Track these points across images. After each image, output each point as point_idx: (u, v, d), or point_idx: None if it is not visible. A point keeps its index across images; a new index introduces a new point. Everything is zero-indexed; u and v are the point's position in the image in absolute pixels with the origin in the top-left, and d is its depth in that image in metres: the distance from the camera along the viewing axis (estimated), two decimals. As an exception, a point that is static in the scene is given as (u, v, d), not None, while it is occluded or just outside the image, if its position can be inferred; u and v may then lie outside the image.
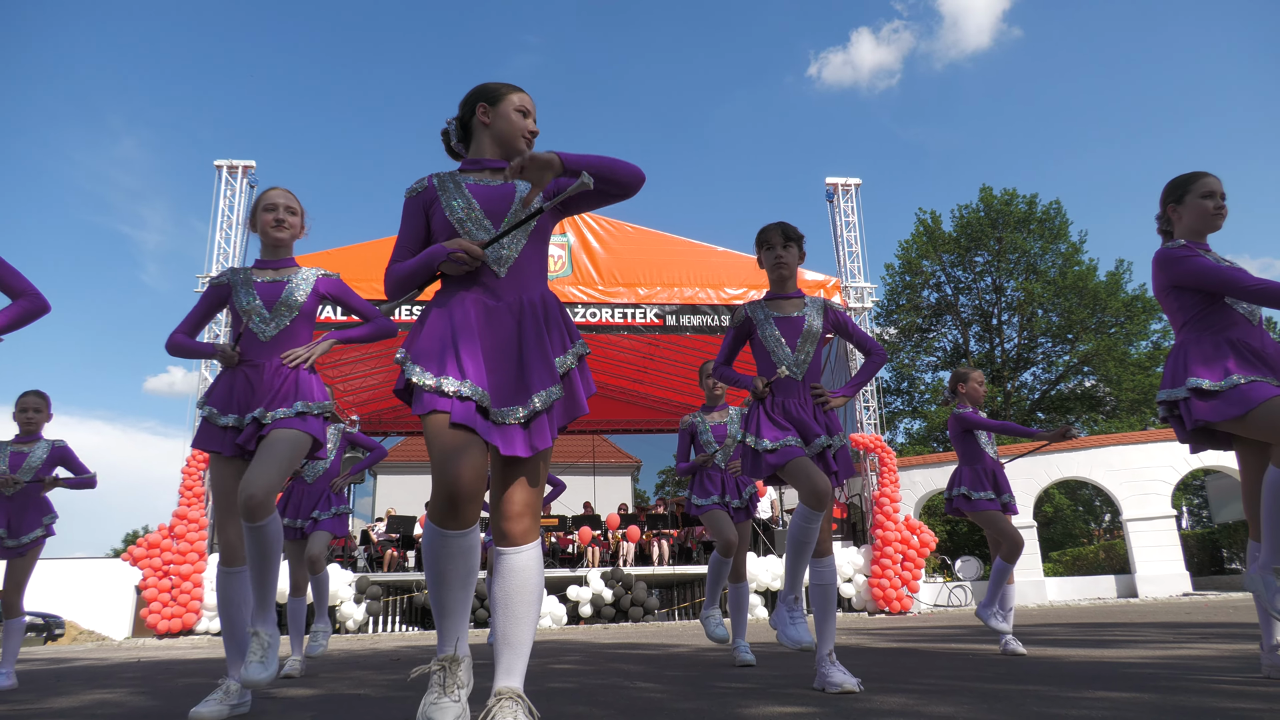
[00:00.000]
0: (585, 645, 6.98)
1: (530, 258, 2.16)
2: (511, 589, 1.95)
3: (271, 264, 3.11)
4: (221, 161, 13.60)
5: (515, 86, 2.30)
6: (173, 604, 11.18)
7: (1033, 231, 29.44)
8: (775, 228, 3.27)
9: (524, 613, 1.95)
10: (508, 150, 2.25)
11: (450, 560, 1.91)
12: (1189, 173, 3.05)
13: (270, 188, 3.17)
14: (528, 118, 2.27)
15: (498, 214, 2.15)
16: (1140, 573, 15.78)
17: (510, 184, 2.20)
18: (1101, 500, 27.62)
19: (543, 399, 2.01)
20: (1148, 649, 4.34)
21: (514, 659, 1.93)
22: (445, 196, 2.17)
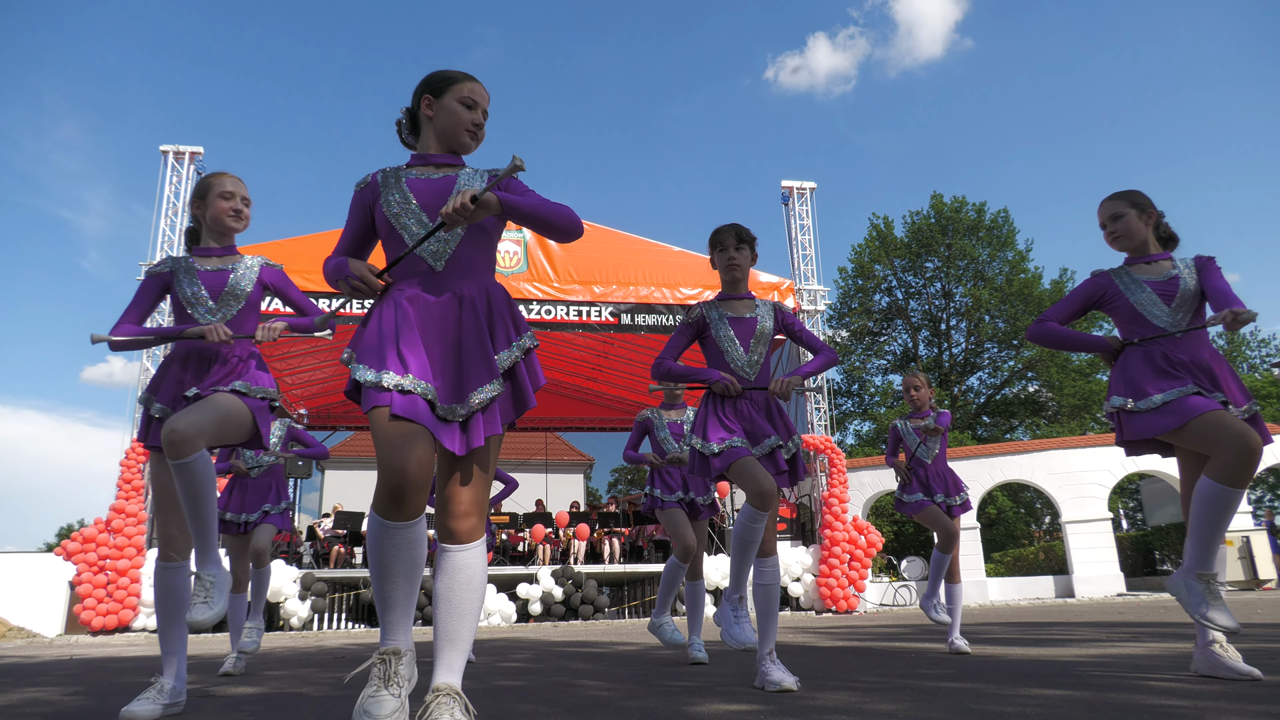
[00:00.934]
0: (534, 643, 6.95)
1: (470, 251, 2.13)
2: (455, 586, 1.93)
3: (215, 252, 3.02)
4: (168, 147, 13.24)
5: (466, 75, 2.23)
6: (108, 600, 10.86)
7: (981, 239, 30.08)
8: (729, 229, 3.29)
9: (467, 610, 1.94)
10: (451, 144, 2.22)
11: (395, 552, 1.88)
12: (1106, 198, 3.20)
13: (223, 173, 3.06)
14: (474, 109, 2.21)
15: (434, 208, 2.12)
16: (1077, 573, 16.22)
17: (451, 177, 2.18)
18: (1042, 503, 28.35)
19: (480, 397, 1.99)
20: (1082, 647, 4.47)
21: (454, 656, 1.91)
22: (385, 192, 2.15)
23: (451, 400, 1.99)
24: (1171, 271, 3.02)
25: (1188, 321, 2.96)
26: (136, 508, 11.26)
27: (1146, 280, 3.02)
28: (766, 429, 3.11)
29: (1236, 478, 2.64)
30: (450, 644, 1.92)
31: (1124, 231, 3.08)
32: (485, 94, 2.25)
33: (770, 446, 3.08)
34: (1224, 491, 2.66)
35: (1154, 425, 2.82)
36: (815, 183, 15.19)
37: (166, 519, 2.80)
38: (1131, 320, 3.02)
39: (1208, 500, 2.69)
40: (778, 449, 3.10)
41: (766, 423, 3.13)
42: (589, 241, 13.88)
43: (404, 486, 1.86)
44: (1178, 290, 2.97)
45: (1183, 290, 2.97)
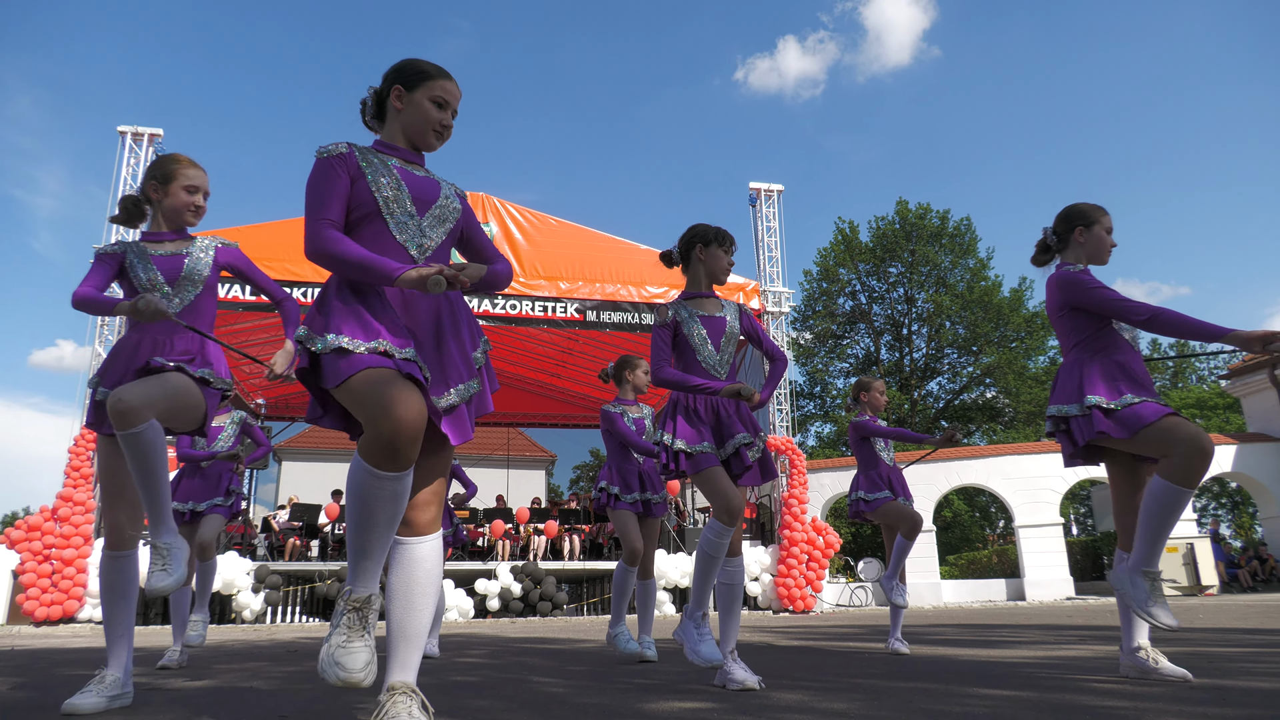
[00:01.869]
0: (491, 639, 6.92)
1: (444, 252, 2.15)
2: (412, 580, 1.91)
3: (168, 236, 2.93)
4: (126, 128, 12.93)
5: (441, 71, 2.16)
6: (53, 590, 10.59)
7: (944, 246, 30.54)
8: (728, 234, 3.32)
9: (423, 604, 1.92)
10: (417, 141, 2.17)
11: (380, 503, 1.82)
12: (1095, 204, 3.21)
13: (187, 161, 2.95)
14: (444, 109, 2.15)
15: (425, 203, 2.10)
16: (1029, 577, 16.55)
17: (432, 180, 2.16)
18: (997, 507, 28.88)
19: (460, 392, 1.99)
20: (1030, 649, 4.56)
21: (409, 652, 1.89)
22: (371, 171, 2.03)
23: (435, 390, 1.97)
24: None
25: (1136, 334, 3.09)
26: (85, 496, 11.00)
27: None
28: (735, 427, 3.11)
29: (1189, 478, 2.71)
30: (406, 640, 1.89)
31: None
32: (458, 93, 2.18)
33: (737, 444, 3.08)
34: (1175, 491, 2.73)
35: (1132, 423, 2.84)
36: (783, 185, 15.31)
37: (115, 507, 2.73)
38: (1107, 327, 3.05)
39: (1159, 499, 2.76)
40: (744, 447, 3.10)
41: (735, 420, 3.13)
42: (556, 238, 13.84)
43: (402, 434, 1.77)
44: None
45: None
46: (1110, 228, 3.17)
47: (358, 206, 2.02)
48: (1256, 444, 16.83)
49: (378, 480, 1.80)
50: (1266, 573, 16.65)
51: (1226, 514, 31.38)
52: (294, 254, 12.13)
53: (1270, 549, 16.94)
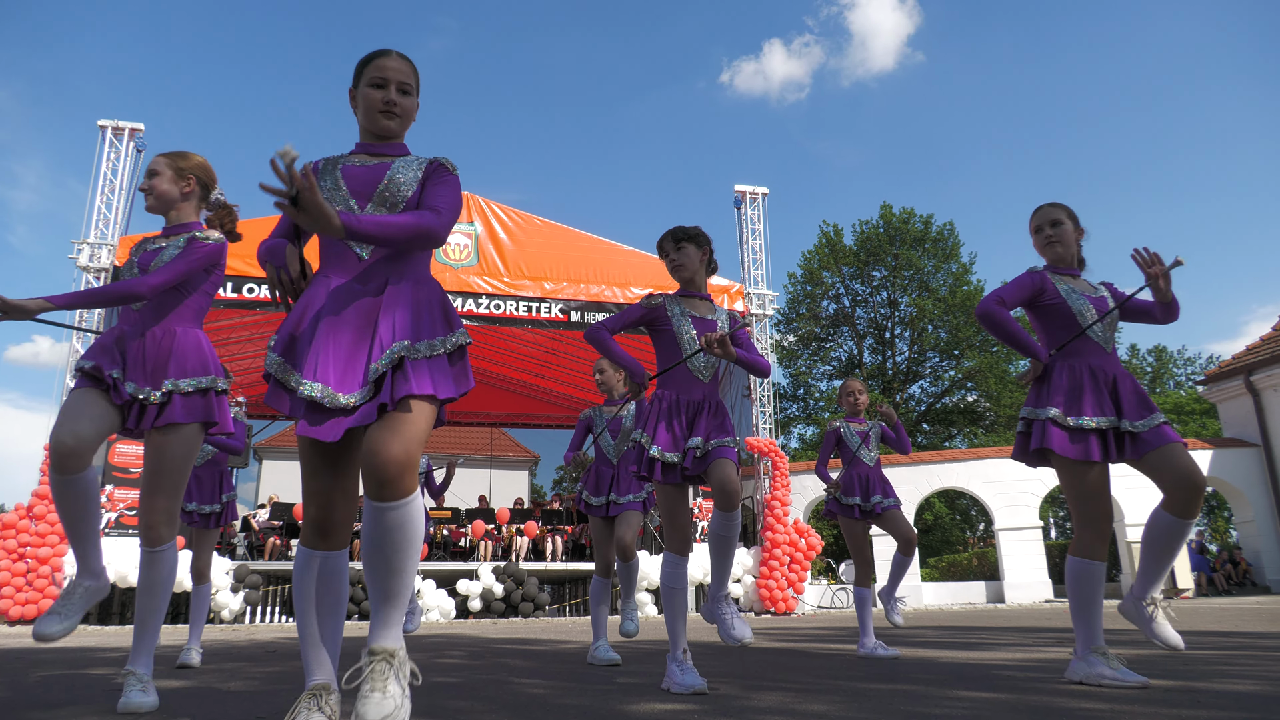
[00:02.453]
0: (473, 640, 6.90)
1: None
2: (390, 543, 1.81)
3: (168, 230, 2.93)
4: (106, 122, 12.80)
5: (379, 53, 2.15)
6: (28, 589, 10.46)
7: (927, 250, 30.73)
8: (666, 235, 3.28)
9: (404, 565, 1.84)
10: (373, 129, 2.15)
11: (323, 582, 1.90)
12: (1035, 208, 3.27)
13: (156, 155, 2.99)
14: (385, 87, 2.12)
15: (364, 195, 2.08)
16: (1008, 580, 16.67)
17: (383, 164, 2.12)
18: (977, 510, 29.10)
19: (383, 362, 1.88)
20: (1009, 651, 4.60)
21: (390, 611, 1.83)
22: (321, 177, 2.11)
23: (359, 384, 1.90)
24: (1099, 292, 3.14)
25: (1111, 336, 3.09)
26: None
27: (1083, 293, 3.11)
28: (699, 430, 3.06)
29: (1187, 510, 2.81)
30: (387, 600, 1.83)
31: (1060, 238, 3.16)
32: (397, 67, 2.12)
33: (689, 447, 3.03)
34: (1176, 524, 2.84)
35: (1074, 449, 2.89)
36: (768, 188, 15.35)
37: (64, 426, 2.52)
38: (1068, 326, 3.05)
39: (1162, 533, 2.88)
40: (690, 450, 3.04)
41: (705, 424, 3.08)
42: (541, 238, 13.82)
43: (328, 520, 1.91)
44: (1106, 307, 3.08)
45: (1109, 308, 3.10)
46: (1035, 225, 3.22)
47: None
48: (1232, 449, 17.04)
49: (315, 559, 1.91)
50: (1240, 576, 16.87)
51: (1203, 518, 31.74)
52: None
53: (1244, 553, 17.16)
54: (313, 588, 1.90)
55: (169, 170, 2.93)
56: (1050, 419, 2.94)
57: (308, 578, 1.92)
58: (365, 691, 1.73)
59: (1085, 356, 3.03)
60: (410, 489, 1.83)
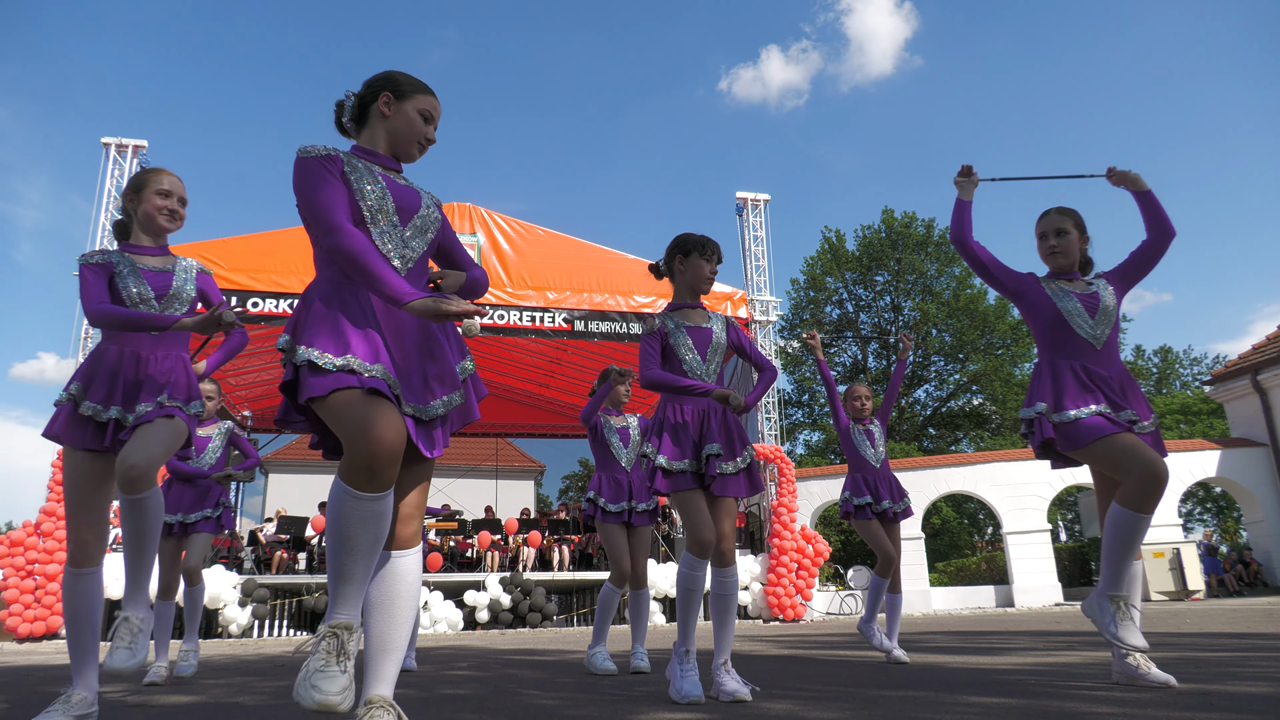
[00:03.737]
0: (480, 651, 6.88)
1: (424, 265, 2.15)
2: (395, 593, 1.90)
3: (150, 250, 2.92)
4: (110, 139, 12.86)
5: (428, 88, 2.19)
6: (36, 606, 10.47)
7: (930, 254, 30.72)
8: (714, 244, 3.30)
9: (405, 617, 1.92)
10: (400, 150, 2.17)
11: (362, 525, 1.79)
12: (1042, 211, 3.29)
13: (162, 170, 2.97)
14: (430, 124, 2.18)
15: (408, 213, 2.08)
16: (1017, 583, 16.59)
17: (417, 193, 2.15)
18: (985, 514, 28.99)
19: (444, 405, 1.99)
20: (1019, 656, 4.57)
21: (388, 665, 1.87)
22: (356, 178, 2.00)
23: (414, 401, 1.96)
24: (1091, 288, 3.14)
25: (1107, 336, 3.07)
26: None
27: (1073, 291, 3.12)
28: (712, 437, 3.09)
29: (1144, 503, 2.75)
30: (385, 653, 1.87)
31: (1064, 249, 3.17)
32: (440, 110, 2.23)
33: (706, 454, 3.05)
34: (1132, 517, 2.76)
35: (1071, 440, 2.91)
36: (769, 194, 15.37)
37: (79, 521, 2.64)
38: (1055, 326, 3.08)
39: (1118, 526, 2.79)
40: (713, 458, 3.06)
41: (717, 432, 3.11)
42: (544, 248, 13.84)
43: (381, 456, 1.76)
44: (1099, 304, 3.08)
45: (1103, 305, 3.08)
46: (1039, 232, 3.25)
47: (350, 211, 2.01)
48: (1240, 449, 16.97)
49: (357, 502, 1.78)
50: (1251, 576, 16.77)
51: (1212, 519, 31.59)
52: (279, 265, 12.06)
53: (1255, 553, 17.06)
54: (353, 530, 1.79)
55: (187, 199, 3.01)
56: (1038, 414, 2.99)
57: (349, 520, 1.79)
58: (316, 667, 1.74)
59: (1075, 355, 3.04)
60: (417, 540, 1.98)
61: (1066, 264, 3.19)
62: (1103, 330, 3.06)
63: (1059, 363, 3.04)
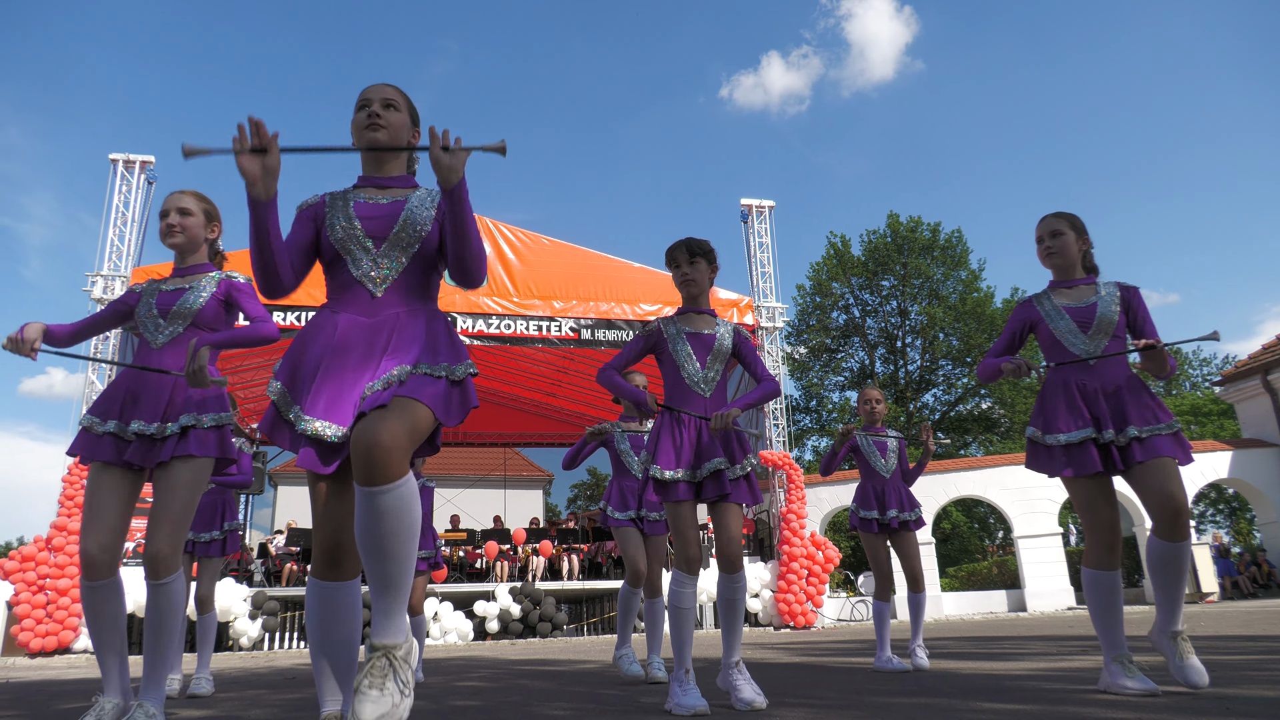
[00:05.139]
0: (492, 662, 6.87)
1: (412, 277, 2.10)
2: (383, 530, 1.76)
3: (182, 270, 2.99)
4: (118, 155, 12.95)
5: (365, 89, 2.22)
6: (48, 620, 10.50)
7: (936, 258, 30.67)
8: (680, 245, 3.25)
9: (399, 551, 1.79)
10: (363, 144, 2.17)
11: (333, 613, 1.87)
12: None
13: (171, 192, 3.05)
14: (365, 108, 2.17)
15: (380, 236, 2.08)
16: (1029, 588, 16.50)
17: (397, 203, 2.14)
18: (995, 518, 28.85)
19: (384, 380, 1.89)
20: (1034, 661, 4.54)
21: (393, 601, 1.78)
22: (330, 215, 2.12)
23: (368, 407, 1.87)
24: (1091, 298, 3.11)
25: (1103, 347, 3.05)
26: (79, 525, 10.92)
27: (1066, 307, 3.12)
28: (715, 450, 3.05)
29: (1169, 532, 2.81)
30: (385, 589, 1.79)
31: (1059, 250, 3.17)
32: (377, 88, 2.19)
33: (713, 468, 3.01)
34: (1166, 547, 2.83)
35: (1051, 467, 3.00)
36: (774, 201, 15.37)
37: (90, 531, 2.62)
38: (1051, 347, 3.13)
39: (1153, 558, 2.88)
40: (722, 471, 3.03)
41: (717, 444, 3.07)
42: (549, 257, 13.88)
43: (336, 548, 1.90)
44: (1095, 316, 3.06)
45: (1101, 316, 3.05)
46: (1037, 236, 3.25)
47: (325, 250, 2.13)
48: (1252, 450, 16.86)
49: (326, 590, 1.90)
50: (1265, 578, 16.64)
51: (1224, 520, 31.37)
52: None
53: (1269, 554, 16.94)
54: (325, 619, 1.87)
55: (201, 214, 3.01)
56: (1028, 437, 3.10)
57: (320, 609, 1.89)
58: (363, 688, 1.70)
59: (1071, 372, 3.06)
60: (401, 473, 1.78)
61: (1063, 264, 3.19)
62: (1098, 343, 3.05)
63: (1055, 380, 3.08)
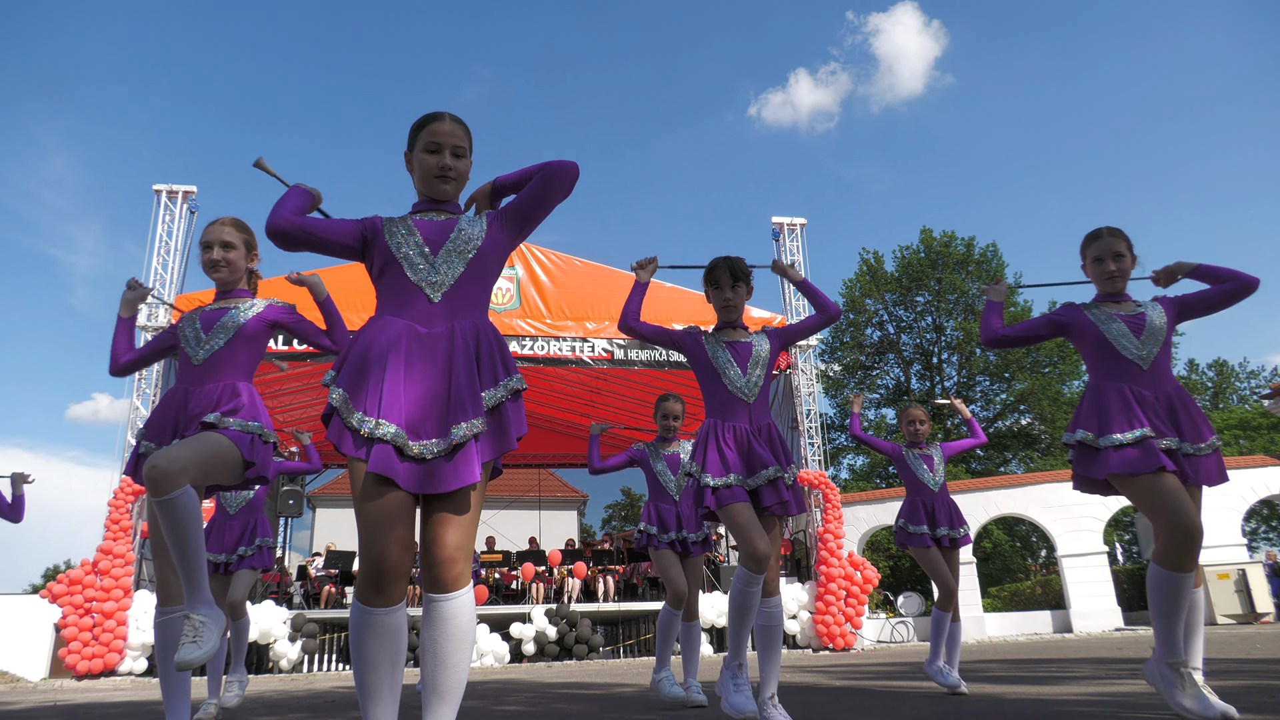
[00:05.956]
0: (529, 685, 6.85)
1: (469, 285, 2.12)
2: (442, 636, 1.85)
3: (220, 296, 3.10)
4: (161, 186, 13.29)
5: (432, 116, 2.19)
6: (94, 643, 10.67)
7: (971, 273, 30.33)
8: (723, 267, 3.26)
9: (456, 660, 1.86)
10: (429, 194, 2.20)
11: (378, 639, 1.84)
12: (1090, 232, 3.22)
13: (211, 222, 3.11)
14: (439, 153, 2.16)
15: (438, 242, 2.12)
16: (1075, 608, 16.12)
17: (451, 220, 2.18)
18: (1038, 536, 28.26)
19: (461, 432, 1.92)
20: (1081, 685, 4.42)
21: (443, 709, 1.84)
22: (390, 230, 2.12)
23: (432, 435, 1.93)
24: (1138, 309, 3.09)
25: (1155, 355, 2.99)
26: (124, 548, 11.12)
27: (1117, 314, 3.08)
28: (767, 458, 3.03)
29: (1178, 562, 2.63)
30: (439, 697, 1.85)
31: (1122, 272, 3.14)
32: (451, 130, 2.16)
33: (769, 476, 3.00)
34: (1168, 577, 2.64)
35: (1104, 468, 2.85)
36: (805, 218, 15.33)
37: (164, 562, 2.72)
38: (1100, 350, 3.05)
39: (1156, 587, 2.69)
40: (779, 478, 3.03)
41: (766, 451, 3.06)
42: (581, 278, 13.95)
43: (385, 573, 1.83)
44: (1145, 324, 3.02)
45: (1149, 325, 3.02)
46: (1095, 256, 3.18)
47: (379, 257, 2.11)
48: (1305, 465, 16.37)
49: (369, 616, 1.84)
50: (1322, 598, 16.09)
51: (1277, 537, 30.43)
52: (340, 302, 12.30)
53: (1326, 573, 16.38)
54: (370, 645, 1.84)
55: (243, 245, 3.09)
56: (1078, 441, 2.95)
57: (364, 636, 1.85)
58: None
59: (1122, 377, 2.98)
60: (463, 581, 1.89)
61: (1123, 287, 3.16)
62: (1150, 350, 2.99)
63: (1105, 385, 3.00)
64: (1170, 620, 2.67)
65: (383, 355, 1.97)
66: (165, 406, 2.88)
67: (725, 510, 2.99)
